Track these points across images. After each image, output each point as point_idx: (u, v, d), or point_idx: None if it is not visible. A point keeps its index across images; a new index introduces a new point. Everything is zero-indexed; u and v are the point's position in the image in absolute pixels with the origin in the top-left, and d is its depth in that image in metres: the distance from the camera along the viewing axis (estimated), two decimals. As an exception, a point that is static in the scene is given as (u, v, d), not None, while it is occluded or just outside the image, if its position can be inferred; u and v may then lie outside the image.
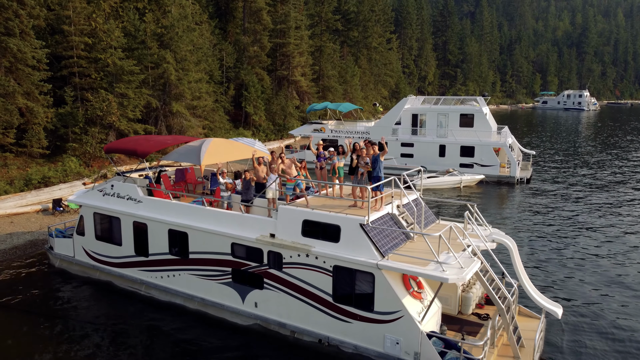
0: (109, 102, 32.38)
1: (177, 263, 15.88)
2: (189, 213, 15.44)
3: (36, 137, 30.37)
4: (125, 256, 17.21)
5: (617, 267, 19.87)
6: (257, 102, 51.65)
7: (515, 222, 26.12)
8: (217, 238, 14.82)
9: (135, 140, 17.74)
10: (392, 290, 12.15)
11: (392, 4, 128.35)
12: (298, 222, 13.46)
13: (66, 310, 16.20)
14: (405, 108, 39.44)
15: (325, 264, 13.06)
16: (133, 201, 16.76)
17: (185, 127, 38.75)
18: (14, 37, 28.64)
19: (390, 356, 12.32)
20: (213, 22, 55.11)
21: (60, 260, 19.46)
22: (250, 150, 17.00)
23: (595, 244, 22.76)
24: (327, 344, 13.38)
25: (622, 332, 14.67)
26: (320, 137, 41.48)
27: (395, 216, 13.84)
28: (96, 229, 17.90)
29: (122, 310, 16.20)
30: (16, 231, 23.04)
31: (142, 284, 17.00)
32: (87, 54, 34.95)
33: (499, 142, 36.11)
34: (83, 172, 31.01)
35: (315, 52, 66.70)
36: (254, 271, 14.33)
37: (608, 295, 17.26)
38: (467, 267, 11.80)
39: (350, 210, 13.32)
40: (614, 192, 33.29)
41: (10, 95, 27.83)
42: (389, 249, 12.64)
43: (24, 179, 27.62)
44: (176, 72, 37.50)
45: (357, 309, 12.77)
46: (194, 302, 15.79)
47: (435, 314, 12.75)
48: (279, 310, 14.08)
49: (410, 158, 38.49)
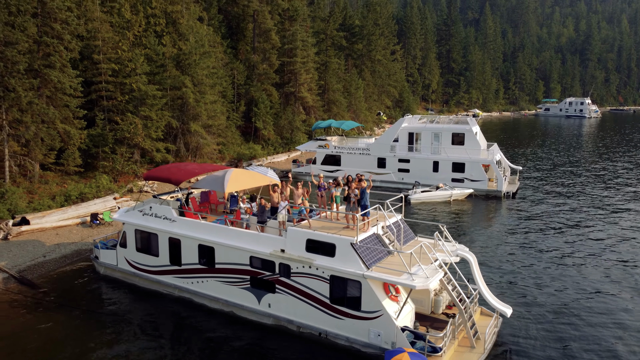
0: (135, 124, 36.30)
1: (205, 271, 19.62)
2: (215, 231, 19.18)
3: (72, 157, 34.29)
4: (161, 265, 20.99)
5: (578, 273, 23.34)
6: (266, 117, 55.43)
7: (494, 232, 29.64)
8: (238, 252, 18.53)
9: (168, 170, 21.54)
10: (374, 294, 15.80)
11: (396, 14, 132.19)
12: (303, 241, 17.15)
13: (112, 308, 20.00)
14: (402, 126, 43.03)
15: (324, 273, 16.73)
16: (168, 220, 20.54)
17: (201, 144, 42.63)
18: (54, 69, 32.58)
19: (374, 345, 15.97)
20: (225, 42, 59.03)
21: (104, 267, 23.26)
22: (265, 178, 20.75)
23: (563, 252, 26.23)
24: (325, 337, 17.04)
25: (566, 330, 18.22)
26: (324, 153, 45.18)
27: (380, 236, 17.50)
28: (137, 243, 21.69)
29: (158, 309, 19.97)
30: (62, 242, 26.90)
31: (175, 288, 20.75)
32: (114, 79, 38.88)
33: (487, 159, 39.63)
34: (113, 188, 34.88)
35: (320, 67, 70.40)
36: (267, 279, 18.03)
37: (565, 299, 20.77)
38: (432, 276, 15.44)
39: (344, 232, 17.00)
40: (596, 205, 36.67)
41: (52, 121, 31.76)
42: (373, 263, 16.29)
43: (64, 195, 31.51)
44: (194, 95, 41.38)
45: (348, 309, 16.42)
46: (218, 303, 19.52)
47: (408, 313, 16.38)
48: (288, 310, 17.77)
49: (407, 173, 42.08)
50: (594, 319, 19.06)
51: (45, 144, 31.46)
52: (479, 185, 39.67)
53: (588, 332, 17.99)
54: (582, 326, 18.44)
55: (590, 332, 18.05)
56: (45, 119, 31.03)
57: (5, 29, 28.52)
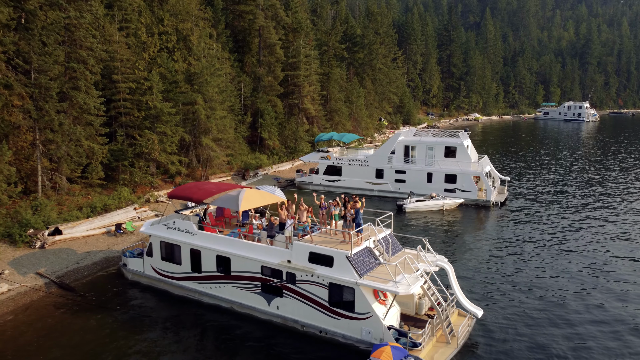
0: (152, 140, 39.58)
1: (222, 278, 22.84)
2: (231, 244, 22.41)
3: (95, 170, 37.56)
4: (183, 272, 24.23)
5: (553, 278, 26.45)
6: (271, 128, 58.67)
7: (481, 239, 32.77)
8: (251, 262, 21.75)
9: (190, 189, 24.79)
10: (366, 299, 18.98)
11: (397, 21, 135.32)
12: (306, 253, 20.34)
13: (140, 309, 23.26)
14: (399, 140, 46.19)
15: (324, 281, 19.92)
16: (190, 233, 23.77)
17: (212, 156, 45.89)
18: (80, 92, 35.87)
19: (365, 341, 19.15)
20: (233, 56, 62.31)
21: (132, 274, 26.53)
22: (273, 197, 23.98)
23: (542, 258, 29.33)
24: (325, 334, 20.23)
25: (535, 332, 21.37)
26: (326, 164, 48.39)
27: (371, 249, 20.69)
28: (162, 252, 24.94)
29: (180, 310, 23.21)
30: (91, 250, 30.20)
31: (196, 292, 23.99)
32: (131, 97, 42.13)
33: (476, 171, 42.78)
34: (132, 199, 38.16)
35: (322, 77, 73.57)
36: (276, 285, 21.23)
37: (537, 303, 23.89)
38: (413, 284, 18.62)
39: (340, 246, 20.19)
40: (578, 214, 39.73)
41: (78, 140, 35.04)
42: (365, 272, 19.47)
43: (90, 206, 34.80)
44: (205, 111, 44.64)
45: (344, 311, 19.61)
46: (234, 305, 22.73)
47: (394, 314, 19.56)
48: (293, 311, 20.96)
49: (403, 183, 45.25)
50: (562, 318, 22.17)
51: (73, 161, 34.74)
52: (470, 195, 42.79)
53: (554, 331, 21.11)
54: (548, 325, 21.56)
55: (557, 331, 21.17)
56: (73, 138, 34.29)
57: (39, 59, 31.81)
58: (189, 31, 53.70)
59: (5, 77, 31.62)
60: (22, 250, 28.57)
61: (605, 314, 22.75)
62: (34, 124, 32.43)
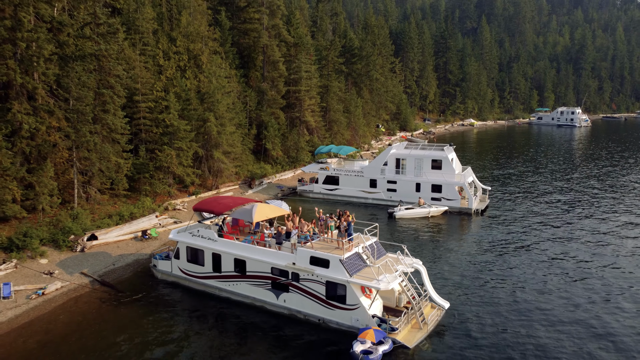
0: (171, 156, 44.64)
1: (239, 277, 27.85)
2: (247, 249, 27.43)
3: (121, 182, 42.60)
4: (206, 272, 29.24)
5: (519, 275, 31.43)
6: (274, 139, 63.73)
7: (462, 242, 37.75)
8: (263, 263, 26.76)
9: (210, 203, 29.83)
10: (355, 293, 23.99)
11: (394, 29, 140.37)
12: (307, 257, 25.36)
13: (168, 303, 28.26)
14: (391, 153, 51.21)
15: (322, 279, 24.93)
16: (212, 240, 28.80)
17: (222, 168, 50.93)
18: (109, 114, 40.91)
19: (354, 327, 24.15)
20: (239, 72, 67.37)
21: (161, 273, 31.55)
22: (281, 210, 29.02)
23: (518, 258, 34.29)
24: (323, 322, 25.25)
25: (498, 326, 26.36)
26: (325, 174, 53.42)
27: (360, 254, 25.70)
28: (187, 255, 29.96)
29: (203, 304, 28.22)
30: (123, 253, 35.23)
31: (216, 289, 29.00)
32: (150, 115, 47.14)
33: (459, 182, 47.82)
34: (154, 207, 43.20)
35: (322, 90, 78.58)
36: (283, 282, 26.25)
37: (503, 296, 28.86)
38: (392, 281, 23.64)
39: (335, 251, 25.22)
40: (558, 223, 44.73)
41: (108, 157, 40.09)
42: (354, 272, 24.49)
43: (118, 215, 39.84)
44: (216, 127, 49.67)
45: (338, 303, 24.61)
46: (249, 299, 27.75)
47: (378, 305, 24.57)
48: (297, 304, 25.96)
49: (394, 192, 50.26)
50: (522, 307, 27.13)
51: (104, 175, 39.79)
52: (453, 203, 47.81)
53: (512, 317, 26.07)
54: (513, 320, 26.51)
55: (514, 317, 26.12)
56: (104, 155, 39.33)
57: (77, 88, 36.84)
58: (199, 50, 58.76)
59: (46, 103, 36.71)
60: (65, 253, 33.60)
61: (564, 304, 27.72)
62: (72, 144, 37.44)
